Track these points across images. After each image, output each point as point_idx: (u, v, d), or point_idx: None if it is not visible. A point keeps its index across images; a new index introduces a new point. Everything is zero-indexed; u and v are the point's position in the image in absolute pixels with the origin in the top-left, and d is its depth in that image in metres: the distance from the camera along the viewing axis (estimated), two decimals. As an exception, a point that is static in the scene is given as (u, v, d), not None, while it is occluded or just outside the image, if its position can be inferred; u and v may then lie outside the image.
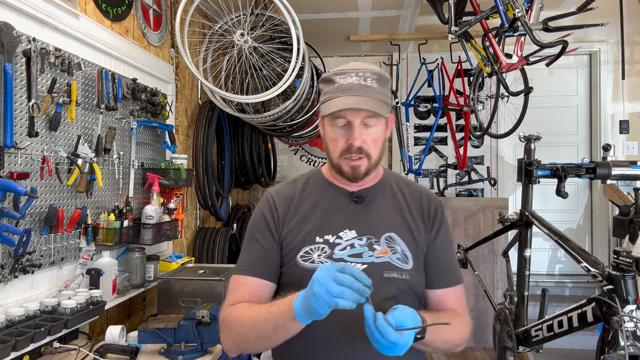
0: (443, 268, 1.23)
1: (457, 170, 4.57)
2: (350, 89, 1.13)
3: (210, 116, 3.43)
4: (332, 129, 1.17)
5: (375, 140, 1.16)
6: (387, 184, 1.27)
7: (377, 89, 1.14)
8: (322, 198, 1.23)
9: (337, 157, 1.17)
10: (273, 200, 1.24)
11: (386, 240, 1.17)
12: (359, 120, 1.13)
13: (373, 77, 1.15)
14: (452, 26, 2.94)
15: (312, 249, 1.15)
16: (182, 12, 2.75)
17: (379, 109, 1.12)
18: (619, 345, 1.46)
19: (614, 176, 2.06)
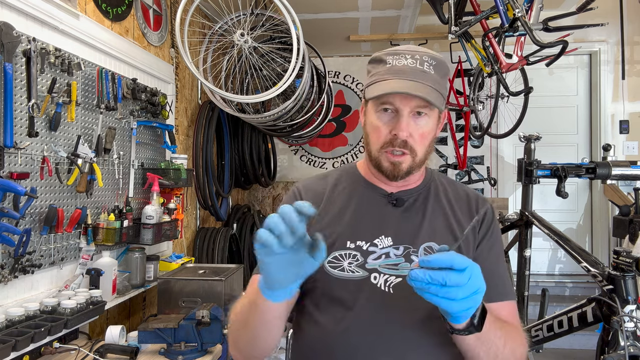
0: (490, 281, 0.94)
1: (457, 170, 4.57)
2: (403, 71, 0.98)
3: (210, 116, 3.43)
4: (376, 115, 1.02)
5: (424, 136, 1.01)
6: (431, 185, 1.11)
7: (434, 76, 0.99)
8: (356, 198, 1.09)
9: (378, 149, 1.02)
10: (300, 194, 1.12)
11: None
12: (409, 109, 0.98)
13: (431, 62, 1.01)
14: (452, 26, 2.94)
15: (343, 256, 1.02)
16: (182, 12, 2.75)
17: (434, 99, 0.96)
18: (619, 345, 1.46)
19: (614, 176, 2.06)
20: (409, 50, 1.01)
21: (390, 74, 0.99)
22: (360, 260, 1.01)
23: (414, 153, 1.01)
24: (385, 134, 1.00)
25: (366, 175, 1.12)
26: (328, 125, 4.60)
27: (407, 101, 0.97)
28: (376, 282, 0.99)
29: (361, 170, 1.14)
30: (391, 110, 1.00)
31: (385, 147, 1.01)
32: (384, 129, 1.01)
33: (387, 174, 1.03)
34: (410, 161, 1.01)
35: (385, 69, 1.01)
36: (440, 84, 1.00)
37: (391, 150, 1.00)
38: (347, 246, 1.02)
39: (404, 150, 1.00)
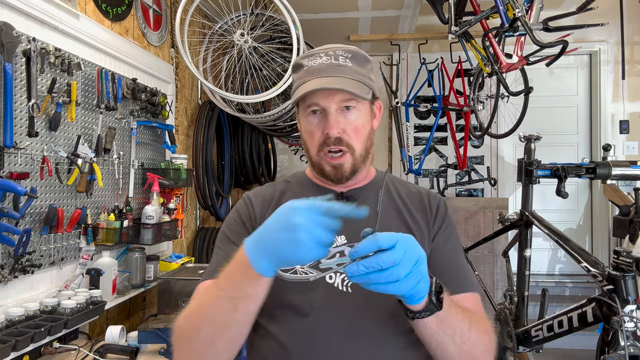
0: (448, 271, 1.00)
1: (457, 170, 4.58)
2: (319, 70, 0.98)
3: (210, 116, 3.43)
4: (306, 119, 1.01)
5: (358, 130, 1.00)
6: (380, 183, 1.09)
7: (353, 67, 0.99)
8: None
9: (315, 153, 1.01)
10: (250, 200, 1.09)
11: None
12: (335, 105, 0.97)
13: (346, 55, 1.00)
14: (452, 26, 2.94)
15: None
16: (182, 12, 2.75)
17: (356, 90, 0.96)
18: (619, 345, 1.46)
19: (614, 176, 2.06)
20: (322, 49, 1.01)
21: (308, 75, 0.99)
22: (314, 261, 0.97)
23: (351, 149, 0.99)
24: (319, 136, 0.99)
25: (314, 179, 1.10)
26: (328, 125, 4.59)
27: (330, 98, 0.97)
28: (332, 282, 0.95)
29: (309, 175, 1.12)
30: (319, 111, 0.99)
31: (321, 149, 1.00)
32: (316, 131, 1.00)
33: (331, 178, 1.02)
34: (350, 160, 1.00)
35: (303, 72, 1.01)
36: (361, 74, 1.00)
37: (327, 152, 0.99)
38: None
39: (340, 147, 0.98)
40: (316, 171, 1.05)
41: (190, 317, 0.90)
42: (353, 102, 0.98)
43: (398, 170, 4.68)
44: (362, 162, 1.03)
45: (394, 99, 4.24)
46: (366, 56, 1.04)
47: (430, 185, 4.67)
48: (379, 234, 0.71)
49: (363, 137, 1.02)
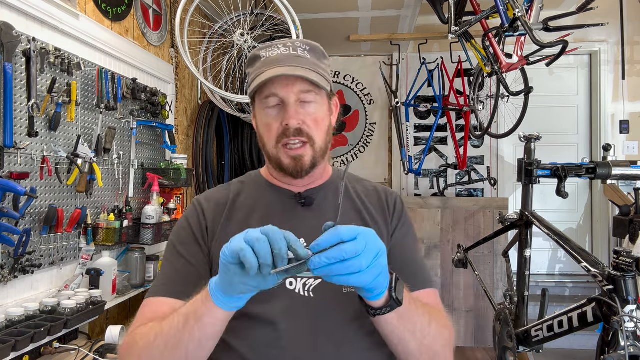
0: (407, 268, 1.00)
1: (457, 170, 4.57)
2: (278, 60, 0.95)
3: (210, 116, 3.43)
4: (263, 112, 0.97)
5: (318, 122, 0.96)
6: (337, 182, 1.07)
7: (311, 59, 0.97)
8: (261, 202, 1.01)
9: (273, 145, 0.96)
10: (201, 206, 1.02)
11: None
12: (294, 95, 0.94)
13: (305, 47, 0.98)
14: (452, 26, 2.93)
15: None
16: (182, 12, 2.75)
17: (316, 78, 0.94)
18: (619, 345, 1.46)
19: (614, 176, 2.06)
20: (281, 41, 0.99)
21: (266, 66, 0.95)
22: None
23: (312, 141, 0.96)
24: (277, 128, 0.95)
25: (270, 178, 1.06)
26: (328, 125, 4.59)
27: (289, 87, 0.94)
28: (293, 288, 0.91)
29: (264, 175, 1.08)
30: (277, 102, 0.95)
31: (280, 141, 0.95)
32: (274, 123, 0.96)
33: (290, 171, 0.97)
34: (311, 152, 0.96)
35: (260, 63, 0.97)
36: (319, 66, 0.98)
37: (286, 143, 0.95)
38: None
39: (300, 138, 0.94)
40: (274, 166, 1.00)
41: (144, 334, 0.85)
42: (312, 95, 0.96)
43: (398, 170, 4.68)
44: (321, 156, 0.99)
45: (394, 99, 4.24)
46: (324, 52, 1.03)
47: (430, 185, 4.67)
48: (341, 227, 0.71)
49: (323, 130, 0.98)
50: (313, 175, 1.02)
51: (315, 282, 0.92)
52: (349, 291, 0.91)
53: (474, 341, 3.71)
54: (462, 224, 3.88)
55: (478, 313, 3.74)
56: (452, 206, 3.90)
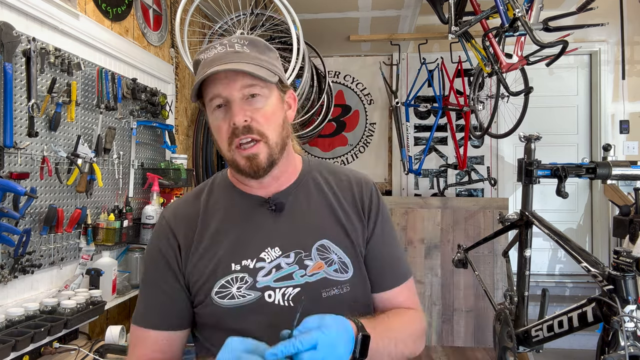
0: (386, 266, 1.01)
1: (457, 170, 4.57)
2: (214, 59, 0.91)
3: (210, 116, 3.43)
4: (212, 116, 0.93)
5: (267, 116, 0.91)
6: (309, 177, 1.03)
7: (251, 53, 0.93)
8: (232, 212, 0.98)
9: (227, 148, 0.92)
10: (169, 225, 0.98)
11: (318, 251, 0.94)
12: (237, 92, 0.89)
13: (243, 42, 0.94)
14: (452, 26, 2.93)
15: (230, 281, 0.91)
16: (182, 12, 2.75)
17: (257, 71, 0.89)
18: (619, 345, 1.46)
19: (614, 176, 2.06)
20: (218, 42, 0.95)
21: (204, 68, 0.91)
22: (250, 281, 0.91)
23: (264, 137, 0.91)
24: (226, 129, 0.91)
25: (236, 183, 1.01)
26: (328, 125, 4.59)
27: (231, 85, 0.89)
28: (272, 300, 0.90)
29: (231, 179, 1.03)
30: (223, 104, 0.91)
31: (231, 142, 0.91)
32: (223, 124, 0.91)
33: (247, 172, 0.93)
34: (265, 149, 0.91)
35: (201, 66, 0.94)
36: (260, 59, 0.93)
37: (239, 144, 0.90)
38: (233, 269, 0.92)
39: (251, 136, 0.90)
40: (233, 169, 0.96)
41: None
42: (257, 88, 0.91)
43: (398, 170, 4.68)
44: (279, 152, 0.94)
45: (394, 99, 4.24)
46: (267, 45, 0.99)
47: (430, 185, 4.67)
48: (299, 336, 0.70)
49: (275, 125, 0.93)
50: (277, 175, 0.98)
51: (294, 290, 0.91)
52: (327, 296, 0.92)
53: (474, 341, 3.71)
54: (462, 224, 3.88)
55: (478, 313, 3.74)
56: (452, 206, 3.90)
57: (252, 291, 0.91)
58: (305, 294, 0.90)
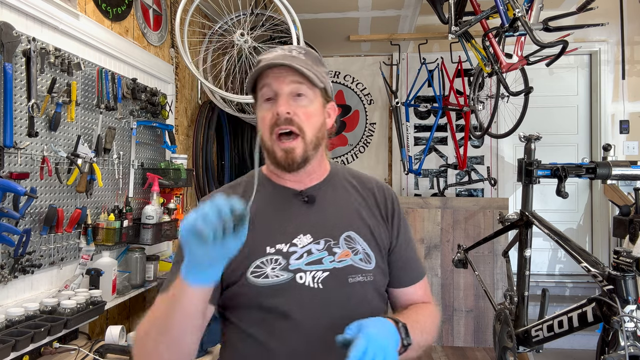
0: (407, 266, 1.12)
1: (457, 170, 4.57)
2: (273, 58, 1.01)
3: (210, 116, 3.43)
4: (260, 108, 1.03)
5: (309, 115, 1.01)
6: (336, 178, 1.13)
7: (306, 60, 1.02)
8: (268, 201, 1.06)
9: (268, 137, 1.01)
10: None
11: (346, 241, 1.04)
12: (285, 87, 0.99)
13: (300, 50, 1.05)
14: (452, 26, 2.93)
15: (264, 262, 0.99)
16: (182, 12, 2.75)
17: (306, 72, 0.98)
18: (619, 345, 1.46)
19: (614, 176, 2.06)
20: (279, 46, 1.07)
21: (262, 64, 1.01)
22: (283, 263, 0.99)
23: (302, 132, 1.00)
24: (270, 118, 1.00)
25: (272, 176, 1.11)
26: (328, 125, 4.59)
27: (281, 79, 0.99)
28: (303, 281, 0.98)
29: (267, 173, 1.13)
30: (272, 97, 1.01)
31: (272, 131, 1.00)
32: (267, 114, 1.01)
33: (282, 163, 1.01)
34: (302, 144, 1.00)
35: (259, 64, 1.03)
36: (313, 67, 1.02)
37: (279, 134, 0.99)
38: (267, 252, 1.00)
39: (290, 127, 0.99)
40: (270, 159, 1.05)
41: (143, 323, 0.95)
42: (304, 89, 1.00)
43: (398, 170, 4.68)
44: (313, 149, 1.03)
45: (394, 99, 4.24)
46: (320, 59, 1.09)
47: (430, 185, 4.67)
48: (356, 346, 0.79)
49: (314, 124, 1.02)
50: (310, 172, 1.07)
51: (323, 274, 0.99)
52: (353, 281, 1.01)
53: (474, 341, 3.71)
54: (462, 224, 3.88)
55: (478, 313, 3.74)
56: (452, 206, 3.90)
57: (285, 272, 0.98)
58: (334, 278, 0.98)
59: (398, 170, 4.68)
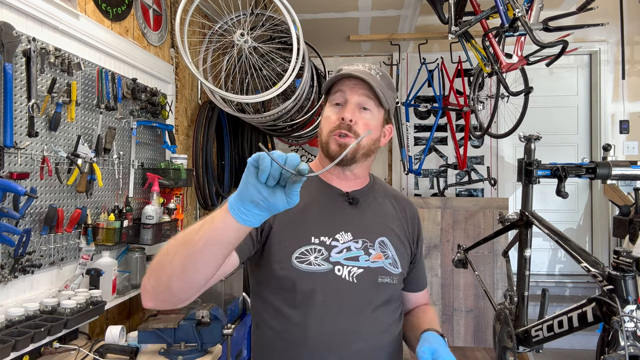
0: (421, 274, 1.32)
1: (457, 170, 4.57)
2: (353, 70, 1.14)
3: (210, 116, 3.43)
4: (328, 108, 1.17)
5: (368, 126, 1.13)
6: (376, 187, 1.27)
7: (380, 81, 1.14)
8: (316, 196, 1.17)
9: (327, 134, 1.15)
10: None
11: (380, 245, 1.16)
12: (356, 97, 1.13)
13: (378, 71, 1.17)
14: (452, 26, 2.93)
15: (309, 250, 1.09)
16: (182, 12, 2.75)
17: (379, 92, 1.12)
18: (619, 345, 1.46)
19: (614, 176, 2.06)
20: (360, 61, 1.19)
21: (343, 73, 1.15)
22: (325, 254, 1.10)
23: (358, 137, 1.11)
24: (334, 120, 1.14)
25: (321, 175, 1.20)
26: (328, 125, 4.59)
27: (355, 89, 1.13)
28: (340, 274, 1.09)
29: (315, 168, 1.24)
30: (341, 103, 1.14)
31: (333, 131, 1.13)
32: (333, 117, 1.14)
33: (333, 155, 1.12)
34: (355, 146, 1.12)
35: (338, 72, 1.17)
36: (384, 89, 1.14)
37: (338, 133, 1.12)
38: (312, 241, 1.10)
39: (349, 134, 1.11)
40: (323, 151, 1.17)
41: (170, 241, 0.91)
42: (370, 104, 1.13)
43: (398, 170, 4.68)
44: (363, 156, 1.16)
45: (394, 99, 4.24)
46: (393, 85, 1.21)
47: (430, 185, 4.67)
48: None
49: (371, 137, 1.14)
50: (356, 175, 1.20)
51: (358, 270, 1.11)
52: (381, 282, 1.13)
53: (474, 341, 3.71)
54: (462, 224, 3.88)
55: (478, 313, 3.74)
56: (452, 206, 3.90)
57: (326, 262, 1.09)
58: (366, 276, 1.10)
59: (398, 170, 4.68)
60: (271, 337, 1.10)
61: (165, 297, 0.91)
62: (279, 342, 1.09)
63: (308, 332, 1.06)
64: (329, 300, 1.07)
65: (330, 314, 1.07)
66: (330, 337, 1.06)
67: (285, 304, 1.09)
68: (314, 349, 1.06)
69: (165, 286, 0.89)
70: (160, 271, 0.90)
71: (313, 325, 1.06)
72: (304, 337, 1.06)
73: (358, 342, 1.07)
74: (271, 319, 1.11)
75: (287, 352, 1.08)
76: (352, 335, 1.07)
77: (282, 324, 1.09)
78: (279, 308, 1.09)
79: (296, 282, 1.07)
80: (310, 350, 1.06)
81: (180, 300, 0.92)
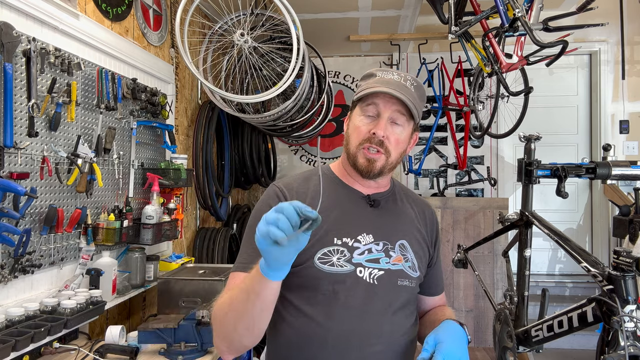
0: (440, 278, 1.33)
1: (457, 170, 4.58)
2: (389, 82, 1.14)
3: (210, 116, 3.43)
4: (359, 117, 1.15)
5: (399, 142, 1.15)
6: (397, 191, 1.28)
7: (414, 93, 1.14)
8: (338, 198, 1.19)
9: (356, 145, 1.15)
10: (282, 192, 1.18)
11: (400, 248, 1.17)
12: (389, 112, 1.12)
13: (413, 82, 1.17)
14: (452, 26, 2.93)
15: (331, 251, 1.10)
16: (182, 12, 2.75)
17: (411, 107, 1.12)
18: (619, 345, 1.46)
19: (614, 176, 2.05)
20: (395, 70, 1.19)
21: (378, 83, 1.13)
22: (347, 255, 1.11)
23: (388, 154, 1.13)
24: (365, 132, 1.13)
25: (342, 176, 1.23)
26: (328, 125, 4.60)
27: (388, 105, 1.12)
28: (362, 275, 1.10)
29: (337, 173, 1.25)
30: (373, 115, 1.14)
31: (363, 144, 1.13)
32: (364, 128, 1.14)
33: (361, 169, 1.14)
34: (384, 161, 1.14)
35: (374, 80, 1.16)
36: (416, 101, 1.14)
37: (368, 147, 1.12)
38: (335, 242, 1.11)
39: (379, 149, 1.12)
40: (350, 162, 1.18)
41: (222, 305, 1.04)
42: (403, 119, 1.14)
43: (398, 170, 4.68)
44: (389, 169, 1.17)
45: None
46: (425, 95, 1.21)
47: (430, 185, 4.67)
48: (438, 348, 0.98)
49: (399, 150, 1.16)
50: (379, 183, 1.22)
51: (379, 272, 1.12)
52: (400, 284, 1.14)
53: (474, 341, 3.71)
54: (462, 224, 3.88)
55: (478, 313, 3.74)
56: (452, 206, 3.90)
57: (348, 264, 1.11)
58: (386, 278, 1.12)
59: (398, 170, 4.68)
60: (290, 334, 1.11)
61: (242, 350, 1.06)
62: (299, 339, 1.10)
63: (330, 331, 1.07)
64: (351, 301, 1.08)
65: (353, 314, 1.08)
66: (351, 337, 1.07)
67: (307, 303, 1.10)
68: (333, 348, 1.07)
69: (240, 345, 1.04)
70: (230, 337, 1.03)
71: (335, 325, 1.07)
72: (324, 336, 1.07)
73: (378, 344, 1.08)
74: (291, 317, 1.11)
75: (306, 350, 1.09)
76: (373, 336, 1.08)
77: (302, 323, 1.10)
78: (299, 307, 1.10)
79: (319, 283, 1.08)
80: (330, 349, 1.07)
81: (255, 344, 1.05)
